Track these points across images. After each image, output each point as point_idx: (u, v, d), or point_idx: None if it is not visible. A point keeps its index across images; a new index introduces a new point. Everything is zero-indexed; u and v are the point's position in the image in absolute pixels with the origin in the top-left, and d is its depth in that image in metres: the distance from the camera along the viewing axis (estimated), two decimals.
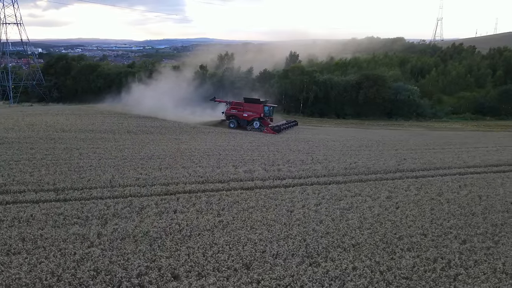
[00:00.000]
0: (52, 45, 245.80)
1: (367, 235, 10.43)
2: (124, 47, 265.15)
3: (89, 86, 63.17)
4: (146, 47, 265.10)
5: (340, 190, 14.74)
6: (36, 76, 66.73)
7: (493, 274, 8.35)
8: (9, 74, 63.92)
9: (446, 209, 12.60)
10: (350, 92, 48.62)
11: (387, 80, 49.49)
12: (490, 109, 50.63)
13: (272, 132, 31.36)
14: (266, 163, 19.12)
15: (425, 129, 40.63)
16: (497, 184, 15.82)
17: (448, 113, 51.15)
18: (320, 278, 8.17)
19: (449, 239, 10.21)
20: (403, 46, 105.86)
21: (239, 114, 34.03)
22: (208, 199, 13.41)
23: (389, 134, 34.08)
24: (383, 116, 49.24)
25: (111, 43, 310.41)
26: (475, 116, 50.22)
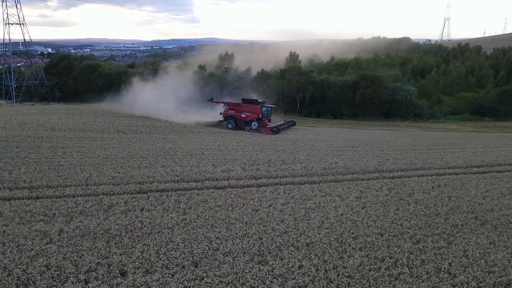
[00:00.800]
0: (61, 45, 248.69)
1: (323, 234, 10.53)
2: (132, 47, 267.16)
3: (90, 85, 63.85)
4: (154, 47, 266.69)
5: (312, 190, 14.83)
6: (38, 75, 67.62)
7: (436, 274, 8.41)
8: (11, 73, 64.81)
9: (411, 210, 12.64)
10: (347, 93, 48.54)
11: (385, 80, 49.30)
12: (489, 110, 50.15)
13: (270, 133, 31.43)
14: (247, 162, 19.26)
15: (420, 130, 40.44)
16: (472, 185, 15.79)
17: (447, 113, 50.77)
18: (264, 276, 8.31)
19: (404, 239, 10.27)
20: (409, 46, 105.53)
21: (237, 115, 34.11)
22: (178, 198, 13.59)
23: (381, 134, 34.02)
24: (380, 116, 49.04)
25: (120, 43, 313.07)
26: (473, 117, 49.80)
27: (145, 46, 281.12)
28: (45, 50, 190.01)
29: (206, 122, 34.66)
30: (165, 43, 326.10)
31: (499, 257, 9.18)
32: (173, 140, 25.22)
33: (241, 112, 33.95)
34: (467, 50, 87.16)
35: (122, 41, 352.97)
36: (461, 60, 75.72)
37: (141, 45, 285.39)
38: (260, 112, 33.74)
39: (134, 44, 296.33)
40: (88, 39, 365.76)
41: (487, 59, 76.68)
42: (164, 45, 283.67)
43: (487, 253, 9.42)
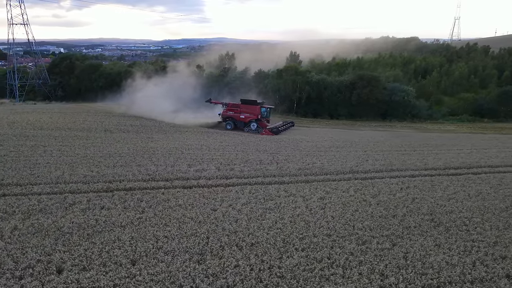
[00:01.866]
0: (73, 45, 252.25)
1: (271, 234, 10.56)
2: (143, 46, 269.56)
3: (91, 85, 64.56)
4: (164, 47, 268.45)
5: (278, 191, 14.85)
6: (42, 75, 68.58)
7: (369, 275, 8.40)
8: (15, 73, 65.84)
9: (369, 211, 12.60)
10: (344, 93, 48.34)
11: (382, 80, 48.95)
12: (489, 111, 49.48)
13: (270, 134, 31.44)
14: (223, 162, 19.34)
15: (415, 131, 40.09)
16: (441, 187, 15.65)
17: (445, 114, 50.24)
18: (196, 274, 8.39)
19: (350, 240, 10.26)
20: (416, 46, 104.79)
21: (235, 116, 34.14)
22: (142, 196, 13.73)
23: (372, 135, 33.83)
24: (378, 117, 48.70)
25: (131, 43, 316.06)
26: (472, 118, 49.18)
27: (155, 46, 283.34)
28: (57, 50, 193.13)
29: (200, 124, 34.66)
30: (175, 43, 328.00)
31: (438, 259, 9.13)
32: (157, 139, 25.43)
33: (240, 113, 34.00)
34: (474, 50, 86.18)
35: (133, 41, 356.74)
36: (466, 60, 74.98)
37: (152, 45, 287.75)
38: (259, 113, 33.75)
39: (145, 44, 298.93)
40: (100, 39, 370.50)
41: (492, 59, 75.75)
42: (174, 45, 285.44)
43: (428, 255, 9.37)
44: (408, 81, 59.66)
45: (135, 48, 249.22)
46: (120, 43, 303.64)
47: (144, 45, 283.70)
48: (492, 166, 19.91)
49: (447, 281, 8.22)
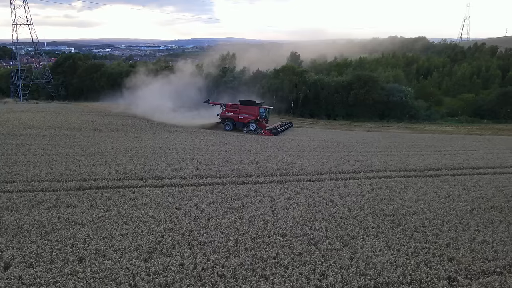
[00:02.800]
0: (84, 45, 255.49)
1: (226, 234, 10.63)
2: (152, 46, 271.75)
3: (93, 85, 65.34)
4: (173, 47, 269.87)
5: (248, 190, 14.91)
6: (45, 75, 69.52)
7: (309, 275, 8.43)
8: (19, 73, 66.86)
9: (333, 211, 12.61)
10: (341, 93, 48.19)
11: (380, 81, 48.71)
12: (489, 112, 48.97)
13: (270, 134, 31.42)
14: (203, 162, 19.47)
15: (411, 132, 39.84)
16: (414, 188, 15.55)
17: (444, 115, 49.82)
18: (137, 272, 8.49)
19: (302, 240, 10.29)
20: (423, 46, 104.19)
21: (234, 117, 34.27)
22: (111, 195, 13.88)
23: (363, 135, 33.71)
24: (375, 117, 48.52)
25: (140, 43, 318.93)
26: (471, 119, 48.72)
27: (165, 46, 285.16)
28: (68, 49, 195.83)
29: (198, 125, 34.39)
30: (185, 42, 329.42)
31: (384, 260, 9.11)
32: (145, 138, 25.67)
33: (239, 113, 34.12)
34: (480, 50, 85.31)
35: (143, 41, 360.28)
36: (470, 61, 74.29)
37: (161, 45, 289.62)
38: (258, 114, 33.84)
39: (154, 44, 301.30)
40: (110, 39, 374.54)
41: (498, 59, 74.86)
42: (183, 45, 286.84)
43: (375, 256, 9.35)
44: (409, 81, 59.32)
45: (145, 48, 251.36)
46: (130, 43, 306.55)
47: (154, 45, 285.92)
48: (473, 168, 19.74)
49: (385, 282, 8.22)
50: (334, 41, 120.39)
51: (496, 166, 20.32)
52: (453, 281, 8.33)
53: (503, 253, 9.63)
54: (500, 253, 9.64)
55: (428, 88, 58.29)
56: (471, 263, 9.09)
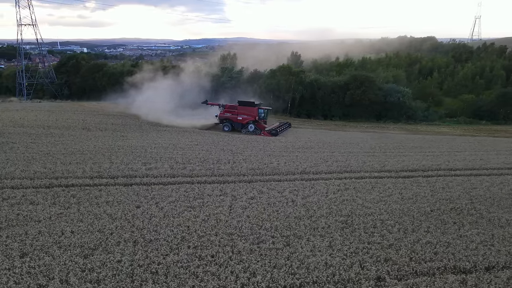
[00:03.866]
0: (97, 45, 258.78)
1: (175, 232, 10.77)
2: (163, 46, 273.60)
3: (95, 84, 66.14)
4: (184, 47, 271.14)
5: (214, 190, 15.04)
6: (49, 74, 70.60)
7: (239, 273, 8.54)
8: (23, 72, 68.03)
9: (289, 211, 12.68)
10: (337, 93, 48.04)
11: (377, 81, 48.43)
12: (488, 113, 48.34)
13: (269, 135, 31.48)
14: (180, 161, 19.65)
15: (406, 132, 39.56)
16: (381, 189, 15.51)
17: (443, 116, 49.32)
18: (72, 268, 8.69)
19: (247, 239, 10.39)
20: (432, 46, 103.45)
21: (233, 118, 34.35)
22: (77, 193, 14.12)
23: (354, 136, 33.61)
24: (372, 118, 48.27)
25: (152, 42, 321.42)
26: (470, 120, 48.12)
27: (175, 45, 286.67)
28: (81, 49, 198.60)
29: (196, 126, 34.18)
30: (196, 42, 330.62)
31: (319, 260, 9.17)
32: (130, 138, 25.98)
33: (238, 114, 34.18)
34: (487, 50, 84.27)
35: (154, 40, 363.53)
36: (475, 61, 73.48)
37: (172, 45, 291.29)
38: (256, 115, 33.92)
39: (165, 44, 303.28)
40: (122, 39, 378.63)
41: (503, 59, 73.76)
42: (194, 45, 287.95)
43: (313, 256, 9.42)
44: (410, 81, 58.85)
45: (156, 48, 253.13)
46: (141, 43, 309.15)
47: (165, 45, 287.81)
48: (450, 169, 19.59)
49: (312, 281, 8.28)
50: (342, 41, 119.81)
51: (474, 167, 20.13)
52: (380, 281, 8.36)
53: (443, 254, 9.61)
54: (440, 254, 9.62)
55: (429, 89, 57.74)
56: (406, 263, 9.11)
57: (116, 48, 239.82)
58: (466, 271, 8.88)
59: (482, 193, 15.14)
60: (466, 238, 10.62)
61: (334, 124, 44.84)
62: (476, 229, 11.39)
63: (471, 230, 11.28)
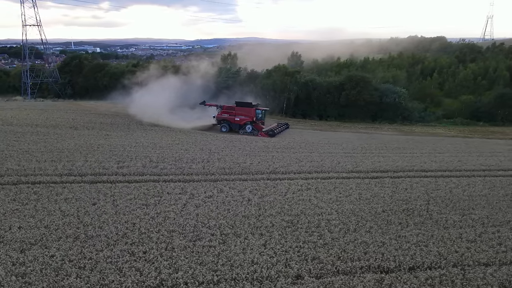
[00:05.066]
0: (109, 45, 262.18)
1: (119, 228, 11.02)
2: (175, 46, 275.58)
3: (97, 84, 67.10)
4: (195, 46, 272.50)
5: (175, 188, 15.24)
6: (53, 74, 71.83)
7: (163, 269, 8.73)
8: (27, 72, 69.36)
9: (240, 210, 12.82)
10: (333, 94, 47.93)
11: (372, 81, 48.19)
12: (486, 114, 47.71)
13: (266, 136, 31.57)
14: (154, 160, 19.90)
15: (398, 133, 39.30)
16: (341, 189, 15.53)
17: (440, 117, 48.83)
18: (6, 261, 8.99)
19: (185, 236, 10.59)
20: (441, 46, 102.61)
21: (230, 118, 34.45)
22: (41, 190, 14.46)
23: (342, 136, 33.58)
24: (368, 118, 48.03)
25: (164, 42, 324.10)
26: (467, 121, 47.54)
27: (187, 45, 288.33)
28: (94, 49, 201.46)
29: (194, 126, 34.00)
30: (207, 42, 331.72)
31: (247, 258, 9.30)
32: (114, 136, 26.38)
33: (235, 115, 34.30)
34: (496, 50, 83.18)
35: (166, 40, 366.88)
36: (480, 61, 72.61)
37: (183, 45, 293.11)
38: (254, 115, 34.03)
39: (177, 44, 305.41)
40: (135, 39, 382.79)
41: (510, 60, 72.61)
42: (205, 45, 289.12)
43: (242, 254, 9.56)
44: (410, 82, 58.34)
45: (167, 47, 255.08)
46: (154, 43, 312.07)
47: (176, 45, 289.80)
48: (423, 170, 19.50)
49: (230, 277, 8.44)
50: (352, 41, 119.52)
51: (448, 169, 20.00)
52: (298, 279, 8.48)
53: (373, 254, 9.67)
54: (369, 254, 9.69)
55: (429, 89, 57.20)
56: (332, 262, 9.21)
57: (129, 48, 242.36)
58: (388, 270, 8.94)
59: (443, 195, 15.09)
60: (403, 239, 10.65)
61: (328, 125, 44.76)
62: (419, 229, 11.41)
63: (412, 230, 11.31)
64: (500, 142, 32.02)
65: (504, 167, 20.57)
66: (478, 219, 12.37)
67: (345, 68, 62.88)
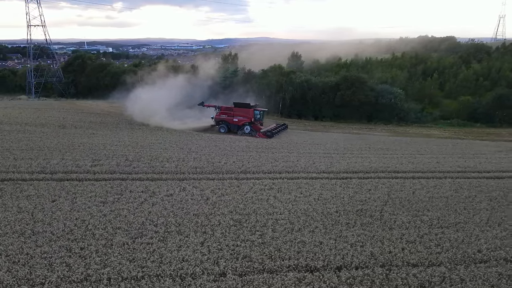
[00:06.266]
0: (122, 45, 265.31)
1: (67, 225, 11.27)
2: (186, 46, 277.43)
3: (99, 83, 68.02)
4: (206, 46, 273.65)
5: (139, 186, 15.48)
6: (56, 73, 72.98)
7: (91, 265, 8.95)
8: (31, 71, 70.61)
9: (193, 208, 12.98)
10: (328, 94, 47.84)
11: (368, 82, 47.95)
12: (484, 116, 47.12)
13: (264, 137, 31.67)
14: (130, 159, 20.15)
15: (390, 135, 39.05)
16: (304, 190, 15.55)
17: (437, 118, 48.37)
18: None
19: (128, 233, 10.80)
20: (450, 46, 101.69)
21: (229, 119, 34.58)
22: (6, 187, 14.79)
23: (328, 137, 33.50)
24: (363, 119, 47.83)
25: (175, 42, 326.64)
26: (464, 123, 47.01)
27: (198, 45, 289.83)
28: (106, 49, 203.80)
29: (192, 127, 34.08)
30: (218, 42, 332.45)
31: (178, 255, 9.43)
32: (98, 135, 26.77)
33: (233, 116, 34.40)
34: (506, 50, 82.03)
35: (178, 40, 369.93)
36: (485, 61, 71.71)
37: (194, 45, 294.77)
38: (252, 116, 34.15)
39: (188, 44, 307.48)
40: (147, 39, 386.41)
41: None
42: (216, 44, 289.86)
43: (176, 251, 9.72)
44: (410, 83, 57.83)
45: (178, 47, 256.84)
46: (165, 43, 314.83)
47: (187, 45, 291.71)
48: (395, 172, 19.41)
49: (155, 274, 8.61)
50: (360, 41, 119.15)
51: (422, 170, 19.87)
52: (221, 276, 8.62)
53: (305, 253, 9.75)
54: (302, 253, 9.77)
55: (428, 90, 56.65)
56: (261, 261, 9.32)
57: (140, 48, 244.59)
58: (314, 269, 9.02)
59: (403, 196, 15.05)
60: (343, 239, 10.70)
61: (322, 125, 44.69)
62: (363, 230, 11.44)
63: (356, 231, 11.34)
64: (490, 144, 31.62)
65: (480, 169, 20.37)
66: (428, 220, 12.34)
67: (344, 69, 62.66)
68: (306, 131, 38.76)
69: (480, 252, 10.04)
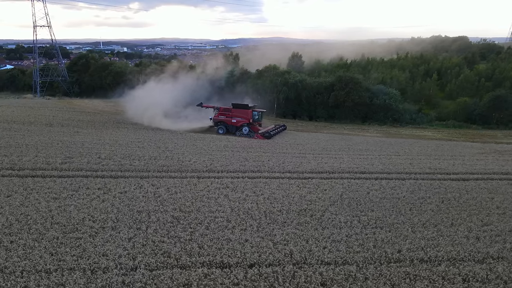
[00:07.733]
0: (136, 45, 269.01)
1: (7, 220, 11.69)
2: (199, 46, 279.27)
3: (101, 83, 69.18)
4: (220, 46, 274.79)
5: (97, 184, 15.85)
6: (61, 73, 74.38)
7: (39, 260, 9.24)
8: (37, 71, 72.15)
9: (140, 206, 13.25)
10: (322, 94, 47.74)
11: (362, 82, 47.67)
12: (481, 117, 46.40)
13: (262, 138, 31.79)
14: (102, 157, 20.56)
15: (382, 136, 38.77)
16: (258, 189, 15.62)
17: (433, 119, 47.81)
18: None
19: (65, 229, 11.14)
20: (461, 46, 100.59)
21: (227, 120, 34.71)
22: None
23: (314, 137, 33.47)
24: (358, 120, 47.59)
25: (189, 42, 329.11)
26: (459, 124, 46.35)
27: (211, 45, 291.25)
28: (121, 49, 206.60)
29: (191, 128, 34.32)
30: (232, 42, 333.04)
31: (100, 250, 9.75)
32: (82, 134, 27.35)
33: (232, 117, 34.53)
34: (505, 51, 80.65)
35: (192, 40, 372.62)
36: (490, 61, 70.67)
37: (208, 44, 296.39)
38: (250, 117, 34.31)
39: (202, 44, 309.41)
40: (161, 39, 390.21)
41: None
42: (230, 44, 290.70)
43: (100, 246, 10.03)
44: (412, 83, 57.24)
45: (192, 47, 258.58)
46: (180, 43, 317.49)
47: (201, 45, 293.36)
48: (363, 172, 19.39)
49: (69, 267, 8.91)
50: (372, 41, 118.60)
51: (390, 172, 19.80)
52: (132, 271, 8.88)
53: (225, 250, 9.94)
54: (223, 250, 9.96)
55: (428, 90, 56.01)
56: (178, 257, 9.54)
57: (154, 48, 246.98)
58: (225, 266, 9.20)
59: (356, 196, 15.09)
60: (270, 237, 10.85)
61: (314, 126, 44.62)
62: (296, 229, 11.56)
63: (287, 229, 11.48)
64: (476, 146, 31.18)
65: (449, 171, 20.20)
66: (365, 221, 12.38)
67: (343, 69, 62.33)
68: (297, 131, 38.76)
69: (399, 252, 10.07)
